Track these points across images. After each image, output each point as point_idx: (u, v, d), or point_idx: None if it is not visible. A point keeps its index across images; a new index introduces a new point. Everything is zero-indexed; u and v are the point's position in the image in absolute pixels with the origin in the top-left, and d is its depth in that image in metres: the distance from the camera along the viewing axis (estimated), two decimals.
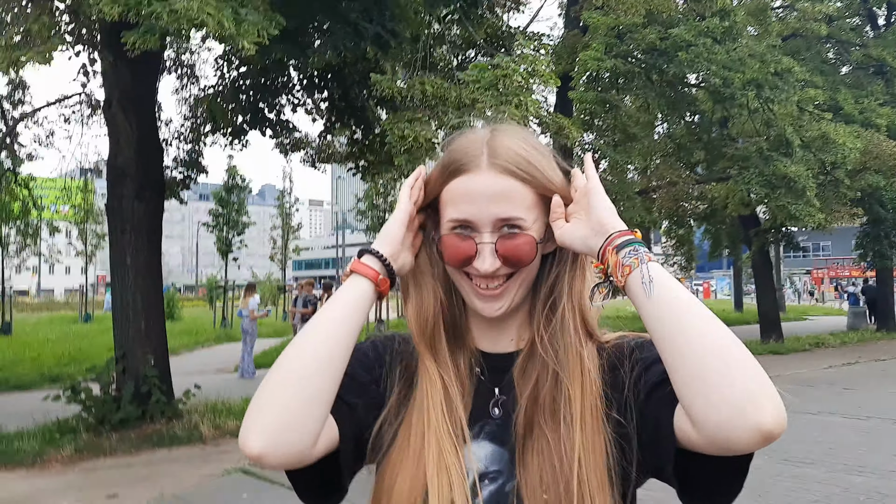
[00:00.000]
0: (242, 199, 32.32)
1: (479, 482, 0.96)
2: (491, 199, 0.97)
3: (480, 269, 0.97)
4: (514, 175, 0.97)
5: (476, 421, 1.01)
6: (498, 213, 0.96)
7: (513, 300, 1.00)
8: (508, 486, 0.96)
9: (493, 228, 0.97)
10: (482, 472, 0.97)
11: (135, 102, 8.55)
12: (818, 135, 14.57)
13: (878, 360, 14.97)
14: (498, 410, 1.01)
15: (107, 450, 7.45)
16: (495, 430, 1.00)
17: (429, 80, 6.13)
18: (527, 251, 0.97)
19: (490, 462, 0.98)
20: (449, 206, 1.00)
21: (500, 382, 1.03)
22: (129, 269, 8.47)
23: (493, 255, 0.96)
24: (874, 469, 6.33)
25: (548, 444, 0.95)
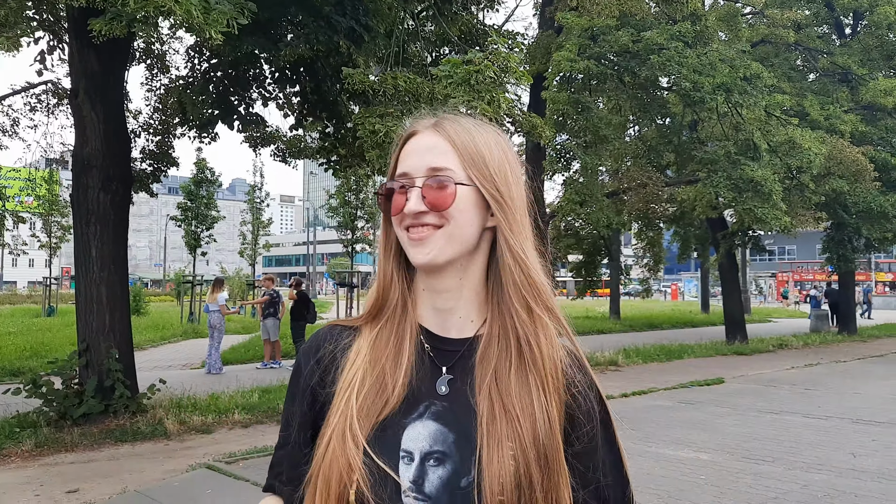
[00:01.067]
0: (212, 193, 31.93)
1: (425, 462, 0.95)
2: (426, 151, 1.04)
3: (406, 210, 1.01)
4: (444, 138, 1.04)
5: (421, 400, 1.00)
6: (429, 162, 1.03)
7: (440, 251, 1.01)
8: (464, 480, 0.94)
9: (425, 176, 1.02)
10: (426, 452, 0.96)
11: (102, 92, 8.40)
12: (785, 140, 14.85)
13: (839, 361, 15.30)
14: (445, 388, 1.01)
15: (68, 444, 7.31)
16: (441, 411, 0.99)
17: (401, 74, 6.11)
18: (447, 194, 1.00)
19: (434, 442, 0.97)
20: (397, 167, 1.07)
21: (448, 363, 1.03)
22: (94, 261, 8.32)
23: (418, 198, 1.01)
24: (832, 467, 6.48)
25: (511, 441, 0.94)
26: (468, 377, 1.01)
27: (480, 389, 0.98)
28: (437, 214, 1.01)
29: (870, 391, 11.10)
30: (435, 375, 1.02)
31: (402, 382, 1.00)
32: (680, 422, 8.65)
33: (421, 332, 1.05)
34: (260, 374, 12.60)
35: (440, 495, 0.94)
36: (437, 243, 1.00)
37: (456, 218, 1.01)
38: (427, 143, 1.04)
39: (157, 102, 11.37)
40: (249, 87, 9.97)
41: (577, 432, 1.00)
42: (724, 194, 14.64)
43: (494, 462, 0.93)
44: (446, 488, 0.94)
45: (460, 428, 0.97)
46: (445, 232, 1.01)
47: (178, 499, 5.50)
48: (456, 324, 1.06)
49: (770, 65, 17.85)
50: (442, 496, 0.94)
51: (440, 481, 0.94)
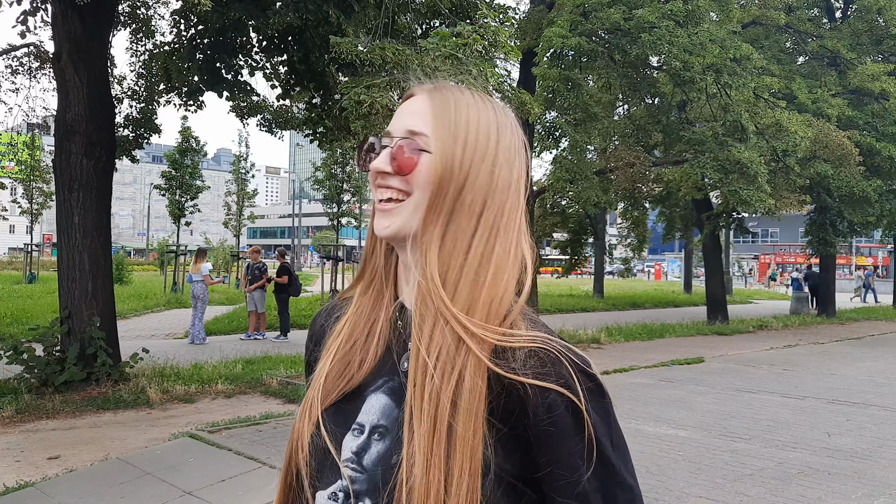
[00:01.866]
0: (196, 162, 31.63)
1: (371, 435, 0.93)
2: (407, 113, 0.98)
3: (371, 165, 0.97)
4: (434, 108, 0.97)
5: (383, 374, 0.97)
6: (408, 125, 0.97)
7: (402, 224, 0.94)
8: (394, 458, 0.89)
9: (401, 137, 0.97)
10: (374, 426, 0.94)
11: (86, 56, 8.25)
12: (772, 122, 14.91)
13: (818, 343, 15.54)
14: (408, 364, 0.95)
15: (50, 411, 7.30)
16: (395, 386, 0.95)
17: (390, 45, 6.04)
18: (410, 157, 0.94)
19: (381, 416, 0.94)
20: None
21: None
22: (77, 228, 8.24)
23: (386, 156, 0.96)
24: (807, 445, 6.60)
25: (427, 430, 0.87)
26: None
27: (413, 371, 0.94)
28: (402, 180, 0.95)
29: (846, 372, 11.29)
30: (401, 351, 0.98)
31: (371, 356, 0.98)
32: (659, 399, 8.76)
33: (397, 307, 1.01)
34: (243, 345, 12.60)
35: (375, 469, 0.91)
36: (402, 215, 0.94)
37: (422, 187, 0.94)
38: (414, 106, 0.99)
39: (141, 68, 11.19)
40: (236, 56, 9.83)
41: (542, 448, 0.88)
42: (711, 175, 14.70)
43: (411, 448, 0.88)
44: (381, 462, 0.91)
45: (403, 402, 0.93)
46: (412, 202, 0.94)
47: (160, 466, 5.51)
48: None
49: (760, 47, 17.85)
50: (376, 470, 0.91)
51: (377, 455, 0.92)
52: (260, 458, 5.65)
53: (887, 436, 7.06)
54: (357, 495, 0.91)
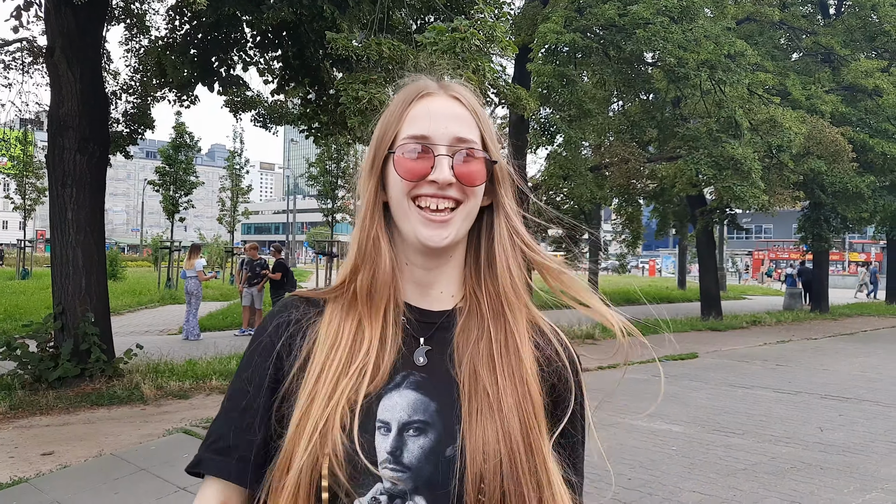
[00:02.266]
0: (190, 158, 31.52)
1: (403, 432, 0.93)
2: (449, 118, 1.00)
3: (438, 178, 0.96)
4: (466, 107, 1.02)
5: (398, 371, 0.98)
6: (455, 132, 0.99)
7: (457, 233, 0.98)
8: (449, 450, 0.91)
9: (450, 145, 0.98)
10: (405, 422, 0.93)
11: (79, 51, 8.21)
12: (766, 118, 14.94)
13: (811, 338, 15.60)
14: (423, 359, 0.99)
15: (44, 407, 7.28)
16: (420, 381, 0.97)
17: (385, 40, 6.02)
18: (480, 171, 0.99)
19: (413, 411, 0.94)
20: (405, 127, 1.01)
21: (425, 334, 1.01)
22: (70, 224, 8.21)
23: (449, 167, 0.97)
24: (800, 440, 6.64)
25: (492, 412, 0.93)
26: (447, 348, 1.00)
27: (462, 361, 0.97)
28: (462, 189, 0.98)
29: (838, 368, 11.35)
30: (412, 346, 1.00)
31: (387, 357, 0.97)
32: (653, 394, 8.78)
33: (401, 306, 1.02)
34: (238, 341, 12.59)
35: (421, 465, 0.91)
36: (456, 224, 0.98)
37: (477, 195, 1.00)
38: (448, 111, 1.00)
39: (136, 63, 11.14)
40: (231, 51, 9.79)
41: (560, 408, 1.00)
42: (705, 171, 14.73)
43: (477, 432, 0.91)
44: (429, 458, 0.91)
45: (442, 398, 0.95)
46: (465, 209, 0.99)
47: (154, 462, 5.51)
48: (435, 297, 1.04)
49: (754, 43, 17.88)
50: (424, 466, 0.91)
51: (421, 451, 0.91)
52: None
53: (879, 430, 7.10)
54: (403, 495, 0.90)
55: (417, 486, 0.90)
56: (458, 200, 0.98)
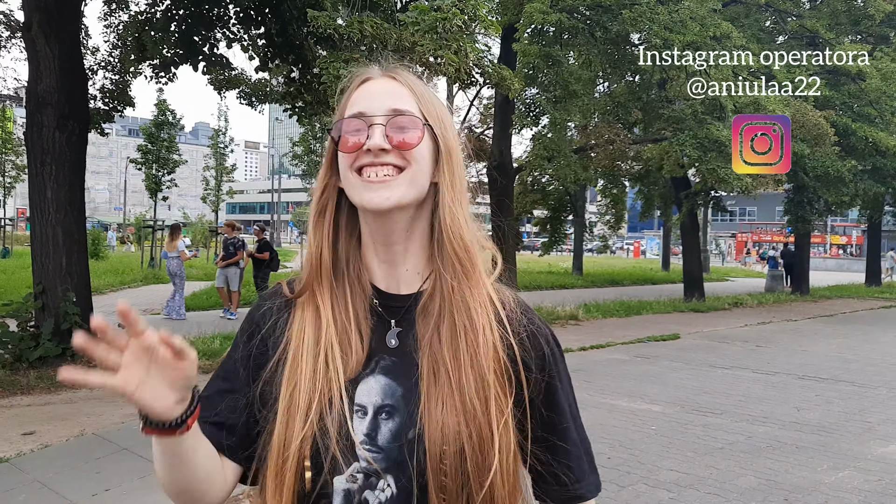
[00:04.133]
0: (173, 135, 31.19)
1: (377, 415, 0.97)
2: (384, 94, 1.02)
3: (370, 145, 0.98)
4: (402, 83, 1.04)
5: (373, 355, 1.01)
6: (391, 105, 1.01)
7: (401, 196, 0.99)
8: (411, 432, 0.96)
9: (387, 115, 1.00)
10: (378, 406, 0.98)
11: (57, 26, 8.07)
12: (750, 101, 14.97)
13: (791, 320, 15.80)
14: (395, 341, 1.02)
15: (24, 387, 7.24)
16: (390, 365, 1.00)
17: (368, 19, 5.97)
18: (415, 134, 0.99)
19: (384, 396, 0.98)
20: (347, 111, 1.04)
21: (396, 316, 1.03)
22: (50, 202, 8.12)
23: (382, 134, 0.98)
24: (777, 420, 6.75)
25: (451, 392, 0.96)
26: (411, 331, 1.02)
27: (421, 346, 0.99)
28: (400, 155, 0.98)
29: (817, 349, 11.52)
30: (385, 329, 1.03)
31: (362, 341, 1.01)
32: (635, 375, 8.89)
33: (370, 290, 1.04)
34: (221, 321, 12.55)
35: (391, 447, 0.96)
36: (401, 187, 0.98)
37: (419, 161, 1.00)
38: (384, 88, 1.02)
39: (115, 39, 10.96)
40: (213, 28, 9.66)
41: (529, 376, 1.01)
42: (689, 153, 14.77)
43: (435, 415, 0.95)
44: (396, 440, 0.96)
45: (406, 382, 0.99)
46: (408, 174, 0.99)
47: (137, 442, 5.50)
48: (404, 277, 1.05)
49: (740, 25, 17.85)
50: (392, 448, 0.96)
51: (390, 433, 0.97)
52: None
53: (853, 410, 7.23)
54: (376, 474, 0.96)
55: (388, 467, 0.96)
56: (398, 167, 0.99)
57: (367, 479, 0.96)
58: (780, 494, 4.74)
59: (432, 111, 1.03)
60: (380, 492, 0.95)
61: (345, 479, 0.96)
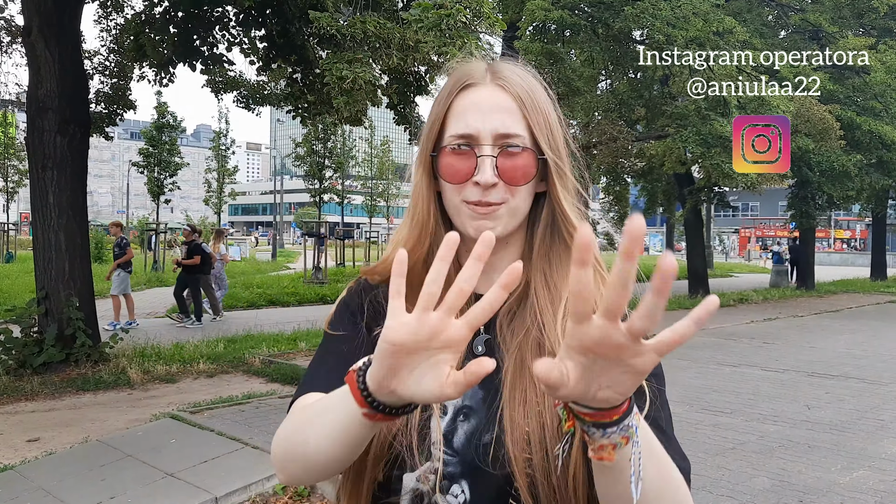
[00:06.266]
0: (174, 138, 31.18)
1: (456, 417, 0.94)
2: (493, 111, 0.97)
3: (481, 180, 0.95)
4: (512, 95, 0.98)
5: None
6: (498, 127, 0.97)
7: (504, 227, 0.97)
8: (486, 436, 0.92)
9: (494, 142, 0.96)
10: (458, 407, 0.95)
11: (57, 30, 8.02)
12: (754, 96, 14.88)
13: (797, 316, 15.72)
14: (481, 348, 0.99)
15: (28, 393, 7.21)
16: None
17: (371, 18, 5.90)
18: (524, 168, 0.97)
19: (465, 397, 0.95)
20: (452, 122, 0.99)
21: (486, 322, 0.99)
22: (52, 207, 8.08)
23: (492, 168, 0.95)
24: (788, 419, 6.68)
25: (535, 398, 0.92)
26: (500, 335, 0.99)
27: (510, 347, 0.96)
28: (506, 189, 0.96)
29: (825, 345, 11.44)
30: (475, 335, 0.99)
31: None
32: None
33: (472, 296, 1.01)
34: (225, 324, 12.50)
35: (465, 450, 0.92)
36: (503, 219, 0.97)
37: (522, 192, 0.98)
38: (492, 102, 0.98)
39: (112, 42, 10.90)
40: (212, 29, 9.59)
41: None
42: (693, 149, 14.70)
43: (517, 419, 0.91)
44: (470, 443, 0.93)
45: (487, 384, 0.94)
46: (510, 207, 0.97)
47: (141, 448, 5.46)
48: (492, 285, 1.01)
49: (742, 20, 17.77)
50: (467, 451, 0.92)
51: (465, 436, 0.93)
52: (243, 438, 5.61)
53: (866, 408, 7.15)
54: (450, 477, 0.92)
55: (463, 471, 0.92)
56: (502, 201, 0.97)
57: (442, 481, 0.92)
58: (794, 496, 4.67)
59: (541, 122, 0.99)
60: (452, 497, 0.91)
61: (415, 478, 0.92)
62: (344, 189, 41.22)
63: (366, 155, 51.66)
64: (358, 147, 45.44)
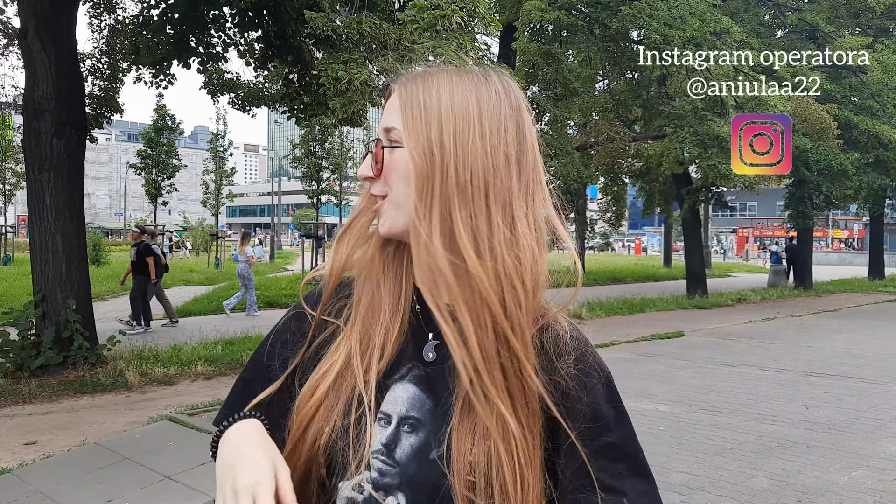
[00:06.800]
0: (172, 140, 31.16)
1: (400, 427, 0.90)
2: (386, 111, 0.96)
3: (359, 174, 0.96)
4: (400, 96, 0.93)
5: (405, 362, 0.94)
6: (383, 123, 0.95)
7: (393, 222, 0.92)
8: (433, 453, 0.88)
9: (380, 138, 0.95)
10: (402, 417, 0.91)
11: (53, 32, 8.01)
12: (751, 96, 14.90)
13: (795, 315, 15.72)
14: (432, 355, 0.94)
15: (26, 396, 7.19)
16: (422, 375, 0.93)
17: (366, 19, 5.89)
18: (378, 159, 0.93)
19: (411, 407, 0.91)
20: None
21: (435, 328, 0.94)
22: (49, 209, 8.06)
23: (371, 161, 0.95)
24: (786, 418, 6.67)
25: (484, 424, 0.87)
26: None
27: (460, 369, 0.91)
28: (380, 181, 0.93)
29: (823, 345, 11.44)
30: (422, 339, 0.95)
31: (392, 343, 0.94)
32: (640, 374, 8.82)
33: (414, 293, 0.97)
34: (223, 326, 12.48)
35: (409, 463, 0.89)
36: (388, 213, 0.93)
37: (399, 184, 0.91)
38: (389, 103, 0.96)
39: (104, 44, 10.86)
40: (209, 30, 9.59)
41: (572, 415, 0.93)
42: (690, 150, 14.71)
43: (466, 442, 0.87)
44: (416, 457, 0.89)
45: (437, 397, 0.91)
46: (390, 200, 0.93)
47: (139, 451, 5.44)
48: None
49: (739, 20, 17.78)
50: (411, 464, 0.89)
51: (411, 449, 0.89)
52: None
53: (864, 407, 7.15)
54: (387, 488, 0.89)
55: (401, 483, 0.89)
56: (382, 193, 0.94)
57: (376, 490, 0.89)
58: (792, 496, 4.66)
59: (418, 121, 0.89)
60: None
61: (350, 487, 0.89)
62: (342, 190, 41.22)
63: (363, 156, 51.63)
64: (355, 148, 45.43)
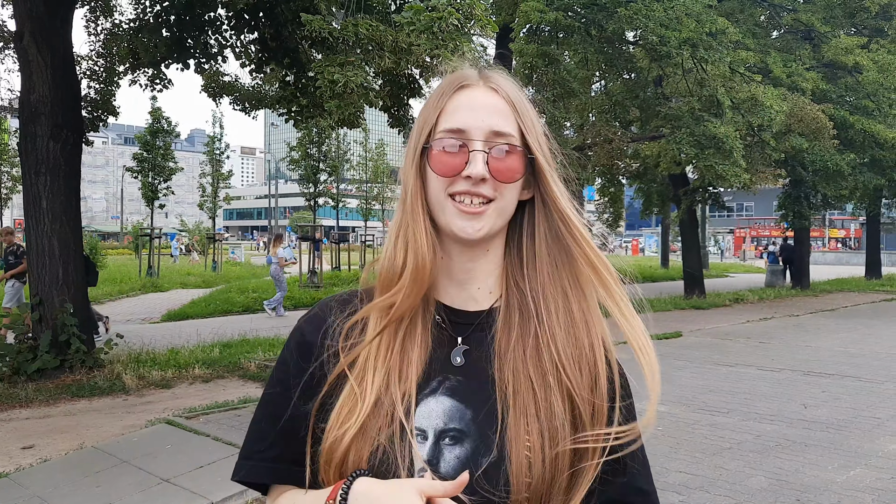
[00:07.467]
0: (168, 143, 31.12)
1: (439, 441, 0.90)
2: (485, 110, 0.97)
3: (472, 173, 0.94)
4: (504, 98, 0.99)
5: (434, 375, 0.95)
6: (492, 125, 0.96)
7: (490, 227, 0.96)
8: (485, 459, 0.88)
9: (486, 140, 0.96)
10: (441, 430, 0.91)
11: (49, 35, 8.00)
12: (748, 97, 14.92)
13: (793, 315, 15.75)
14: (460, 359, 0.96)
15: (23, 400, 7.17)
16: (455, 386, 0.94)
17: (363, 21, 5.89)
18: (515, 166, 0.96)
19: (449, 419, 0.92)
20: (444, 119, 0.99)
21: (463, 333, 0.98)
22: (45, 213, 8.05)
23: (483, 163, 0.95)
24: (784, 418, 6.68)
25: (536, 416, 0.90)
26: (485, 348, 0.96)
27: (503, 363, 0.94)
28: (494, 185, 0.95)
29: (820, 344, 11.46)
30: (449, 346, 0.97)
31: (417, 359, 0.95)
32: (638, 374, 8.81)
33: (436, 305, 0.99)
34: (221, 329, 12.46)
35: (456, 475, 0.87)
36: (491, 219, 0.95)
37: (511, 190, 0.97)
38: (484, 102, 0.98)
39: (100, 47, 10.85)
40: (205, 33, 9.58)
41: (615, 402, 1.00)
42: (687, 151, 14.72)
43: (521, 438, 0.88)
44: (464, 468, 0.88)
45: (479, 403, 0.92)
46: (497, 206, 0.96)
47: (136, 454, 5.43)
48: (473, 294, 1.00)
49: (735, 21, 17.81)
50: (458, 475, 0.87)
51: (457, 461, 0.89)
52: (239, 443, 5.57)
53: (861, 406, 7.17)
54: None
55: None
56: (489, 198, 0.96)
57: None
58: (791, 495, 4.67)
59: (531, 128, 0.99)
60: None
61: None
62: (339, 193, 41.17)
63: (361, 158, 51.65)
64: (353, 150, 45.40)
